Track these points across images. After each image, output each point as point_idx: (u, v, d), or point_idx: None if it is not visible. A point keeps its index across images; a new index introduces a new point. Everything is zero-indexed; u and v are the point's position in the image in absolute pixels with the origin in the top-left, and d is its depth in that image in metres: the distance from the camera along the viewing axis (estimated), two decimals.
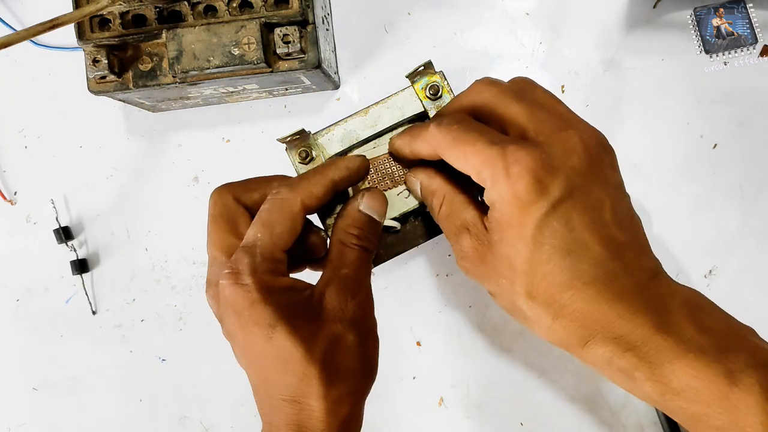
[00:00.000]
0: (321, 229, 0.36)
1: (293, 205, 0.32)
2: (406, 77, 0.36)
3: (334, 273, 0.32)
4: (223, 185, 0.34)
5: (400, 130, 0.36)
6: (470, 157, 0.28)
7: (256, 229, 0.31)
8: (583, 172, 0.28)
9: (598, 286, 0.27)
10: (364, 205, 0.34)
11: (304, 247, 0.35)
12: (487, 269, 0.30)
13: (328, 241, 0.35)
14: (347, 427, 0.31)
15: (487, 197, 0.29)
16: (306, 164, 0.36)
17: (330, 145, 0.36)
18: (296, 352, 0.29)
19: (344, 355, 0.31)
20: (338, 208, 0.36)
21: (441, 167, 0.33)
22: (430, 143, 0.30)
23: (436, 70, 0.36)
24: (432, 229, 0.37)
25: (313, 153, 0.36)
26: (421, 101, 0.36)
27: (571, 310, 0.28)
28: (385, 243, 0.37)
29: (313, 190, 0.32)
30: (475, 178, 0.29)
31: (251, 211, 0.33)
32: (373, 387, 0.34)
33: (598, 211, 0.28)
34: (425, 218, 0.37)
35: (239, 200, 0.33)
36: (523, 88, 0.31)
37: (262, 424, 0.32)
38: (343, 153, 0.37)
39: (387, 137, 0.36)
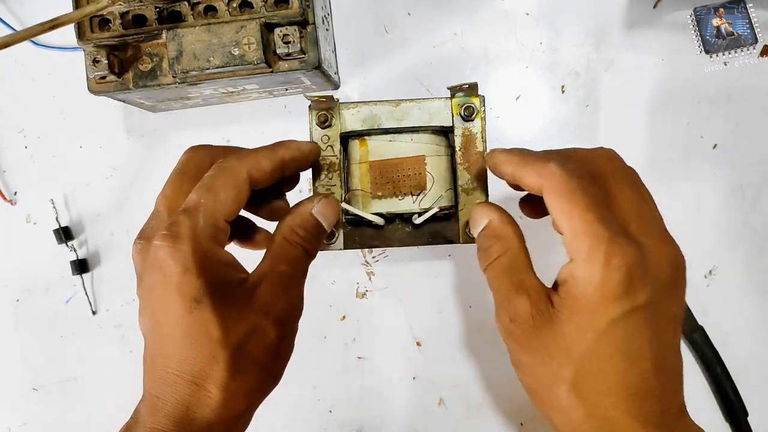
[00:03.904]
0: (283, 194, 0.36)
1: (239, 174, 0.31)
2: (448, 89, 0.36)
3: (272, 267, 0.31)
4: (203, 145, 0.33)
5: (420, 134, 0.36)
6: (577, 220, 0.27)
7: (200, 193, 0.30)
8: (666, 289, 0.28)
9: (639, 402, 0.27)
10: (317, 209, 0.33)
11: (268, 211, 0.35)
12: (537, 342, 0.28)
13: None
14: (237, 423, 0.30)
15: (569, 271, 0.28)
16: (322, 128, 0.36)
17: (352, 120, 0.36)
18: (213, 332, 0.28)
19: (259, 348, 0.30)
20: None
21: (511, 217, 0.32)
22: (543, 178, 0.29)
23: (479, 93, 0.36)
24: (410, 239, 0.37)
25: (333, 121, 0.36)
26: (453, 117, 0.36)
27: (608, 416, 0.27)
28: (363, 233, 0.37)
29: (262, 162, 0.31)
30: (566, 241, 0.28)
31: None
32: (373, 387, 0.34)
33: (664, 330, 0.28)
34: (410, 226, 0.37)
35: (213, 164, 0.32)
36: (638, 180, 0.31)
37: (145, 394, 0.30)
38: (361, 134, 0.37)
39: (405, 135, 0.36)
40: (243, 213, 0.36)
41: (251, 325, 0.29)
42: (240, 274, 0.31)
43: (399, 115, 0.36)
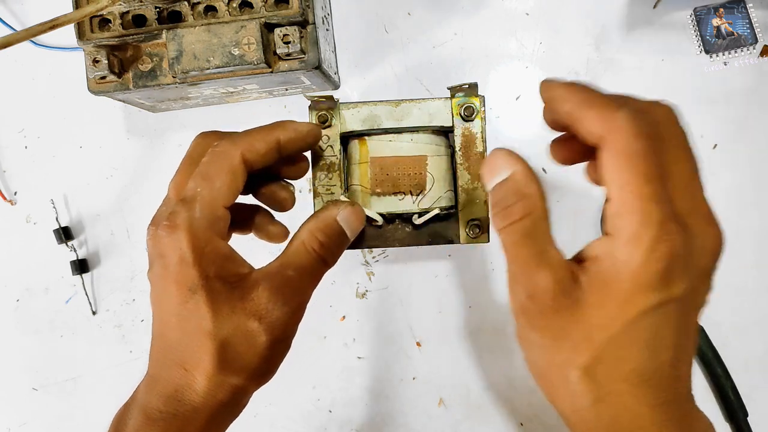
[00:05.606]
0: (289, 183, 0.35)
1: (233, 158, 0.30)
2: (448, 89, 0.36)
3: (279, 270, 0.31)
4: (211, 131, 0.33)
5: (420, 134, 0.36)
6: (631, 194, 0.24)
7: (196, 182, 0.30)
8: (703, 277, 0.26)
9: (651, 389, 0.26)
10: (342, 216, 0.32)
11: (272, 201, 0.35)
12: (554, 324, 0.26)
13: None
14: (222, 410, 0.31)
15: (605, 248, 0.25)
16: (323, 128, 0.36)
17: (352, 120, 0.36)
18: (203, 325, 0.29)
19: (246, 350, 0.30)
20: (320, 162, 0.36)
21: None
22: (607, 131, 0.25)
23: (479, 93, 0.36)
24: (410, 240, 0.37)
25: (333, 121, 0.36)
26: (453, 116, 0.36)
27: (617, 401, 0.26)
28: (363, 233, 0.37)
29: (256, 144, 0.31)
30: (610, 211, 0.25)
31: None
32: (373, 387, 0.34)
33: (691, 320, 0.27)
34: (410, 226, 0.37)
35: None
36: (690, 147, 0.27)
37: (146, 374, 0.31)
38: (361, 134, 0.37)
39: (405, 135, 0.36)
40: (256, 201, 0.36)
41: (242, 327, 0.29)
42: (240, 269, 0.31)
43: (399, 115, 0.36)
